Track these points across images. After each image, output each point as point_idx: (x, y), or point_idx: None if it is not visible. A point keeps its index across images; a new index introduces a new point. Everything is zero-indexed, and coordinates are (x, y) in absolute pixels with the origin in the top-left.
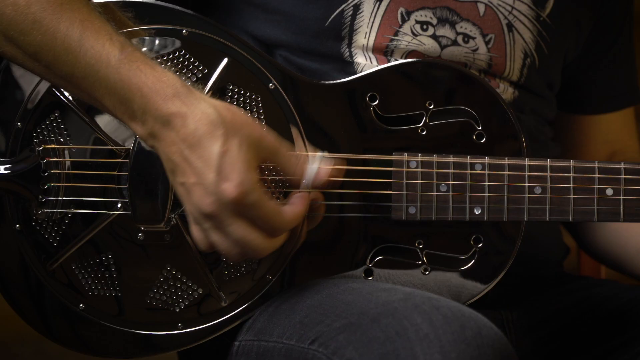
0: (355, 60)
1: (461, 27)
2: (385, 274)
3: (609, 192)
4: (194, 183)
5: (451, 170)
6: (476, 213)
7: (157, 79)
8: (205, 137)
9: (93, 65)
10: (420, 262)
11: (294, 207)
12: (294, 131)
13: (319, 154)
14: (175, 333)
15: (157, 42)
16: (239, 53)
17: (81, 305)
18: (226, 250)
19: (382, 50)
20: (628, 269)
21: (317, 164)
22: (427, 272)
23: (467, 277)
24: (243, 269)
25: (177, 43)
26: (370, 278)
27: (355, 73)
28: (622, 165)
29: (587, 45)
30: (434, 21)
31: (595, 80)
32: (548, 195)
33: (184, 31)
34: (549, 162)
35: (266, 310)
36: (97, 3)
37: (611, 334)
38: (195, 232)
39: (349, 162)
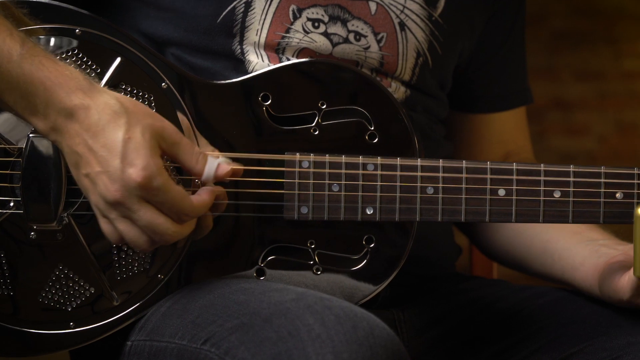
0: (247, 57)
1: (353, 25)
2: (278, 274)
3: (501, 192)
4: (99, 172)
5: (343, 171)
6: (368, 213)
7: (59, 72)
8: (109, 126)
9: None
10: (312, 262)
11: (200, 196)
12: (187, 131)
13: (218, 154)
14: (67, 332)
15: (50, 41)
16: (132, 52)
17: None
18: (134, 239)
19: (274, 48)
20: (532, 268)
21: (217, 160)
22: (319, 272)
23: (359, 277)
24: (135, 268)
25: (70, 42)
26: (262, 278)
27: (247, 71)
28: (514, 166)
29: (480, 44)
30: (326, 19)
31: (487, 79)
32: (440, 196)
33: (77, 30)
34: (441, 163)
35: (158, 310)
36: None
37: (503, 334)
38: (103, 224)
39: (242, 161)
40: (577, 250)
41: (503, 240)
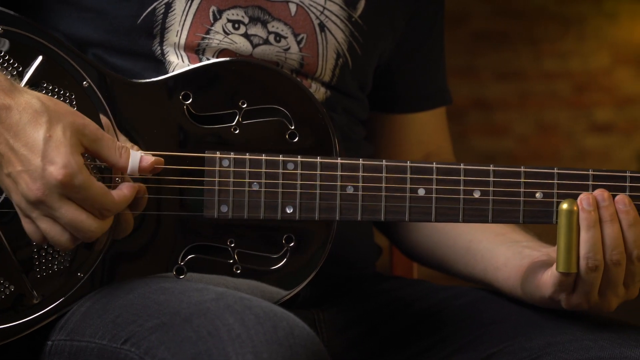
0: (168, 58)
1: (273, 26)
2: (197, 273)
3: (421, 191)
4: (20, 171)
5: (263, 170)
6: (288, 212)
7: None
8: (30, 125)
9: None
10: (231, 261)
11: (121, 191)
12: (108, 129)
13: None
14: None
15: None
16: (54, 51)
17: None
18: (56, 237)
19: (194, 49)
20: (455, 269)
21: (139, 153)
22: (238, 271)
23: (279, 276)
24: (55, 266)
25: None
26: (182, 277)
27: (168, 71)
28: (434, 165)
29: (400, 45)
30: (246, 20)
31: (407, 79)
32: (360, 194)
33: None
34: (361, 162)
35: (79, 310)
36: None
37: (423, 334)
38: (25, 224)
39: (163, 160)
40: (500, 251)
41: (425, 240)
